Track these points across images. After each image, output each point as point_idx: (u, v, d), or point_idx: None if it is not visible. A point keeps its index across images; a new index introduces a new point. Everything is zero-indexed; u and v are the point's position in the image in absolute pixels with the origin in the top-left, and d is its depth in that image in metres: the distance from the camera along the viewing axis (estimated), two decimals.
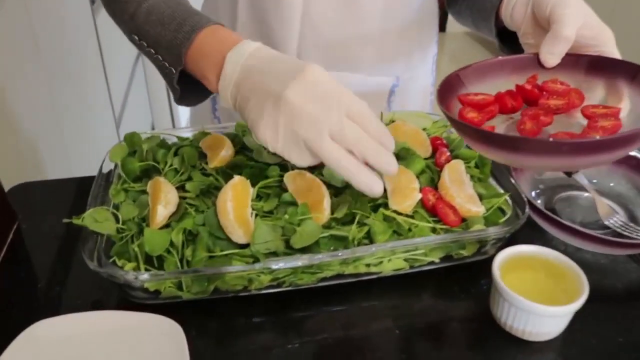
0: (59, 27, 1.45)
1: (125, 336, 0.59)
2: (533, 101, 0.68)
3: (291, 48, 0.90)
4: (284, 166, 0.75)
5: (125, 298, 0.65)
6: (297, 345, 0.61)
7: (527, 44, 0.72)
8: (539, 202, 0.82)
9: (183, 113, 2.70)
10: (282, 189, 0.70)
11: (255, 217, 0.65)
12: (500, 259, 0.63)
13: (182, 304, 0.64)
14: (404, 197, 0.68)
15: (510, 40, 0.79)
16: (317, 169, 0.74)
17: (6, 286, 0.69)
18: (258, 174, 0.73)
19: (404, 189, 0.69)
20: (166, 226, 0.66)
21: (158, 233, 0.64)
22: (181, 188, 0.72)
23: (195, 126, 1.15)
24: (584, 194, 0.83)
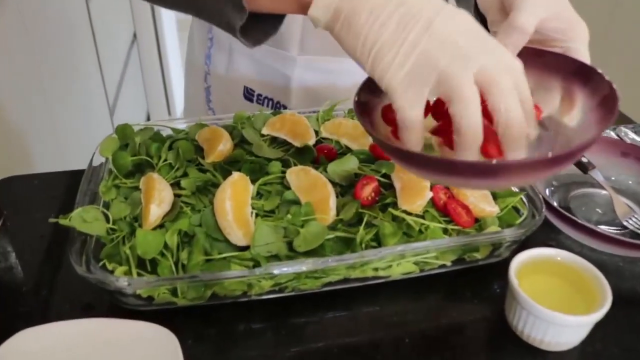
0: (50, 12, 1.40)
1: (116, 346, 0.55)
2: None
3: (295, 34, 0.86)
4: (286, 162, 0.71)
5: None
6: (300, 353, 0.58)
7: (494, 33, 0.60)
8: (553, 200, 0.78)
9: (179, 100, 2.65)
10: (285, 187, 0.66)
11: (255, 217, 0.61)
12: (516, 264, 0.60)
13: (178, 310, 0.60)
14: (414, 196, 0.64)
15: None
16: (321, 165, 0.70)
17: None
18: (258, 170, 0.69)
19: (414, 187, 0.65)
20: (160, 226, 0.62)
21: (151, 234, 0.59)
22: (176, 185, 0.67)
23: (189, 118, 1.11)
24: (601, 192, 0.79)
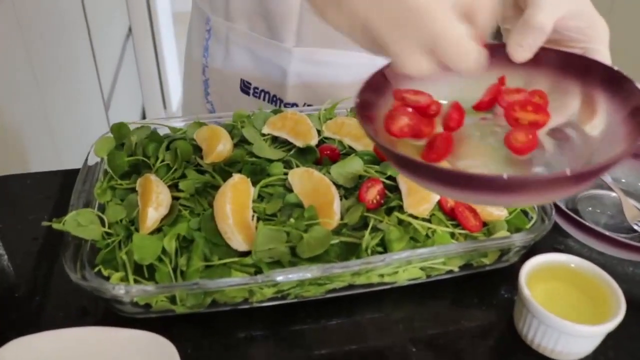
0: (44, 6, 1.36)
1: (112, 356, 0.52)
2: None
3: (291, 23, 0.83)
4: (288, 162, 0.68)
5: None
6: None
7: (506, 31, 0.58)
8: (561, 201, 0.77)
9: (174, 94, 2.62)
10: (287, 189, 0.64)
11: (257, 222, 0.59)
12: (526, 270, 0.58)
13: (176, 318, 0.58)
14: (421, 199, 0.62)
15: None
16: (324, 166, 0.68)
17: None
18: (259, 172, 0.66)
19: (421, 190, 0.63)
20: (157, 230, 0.60)
21: (149, 239, 0.57)
22: (174, 186, 0.65)
23: (186, 113, 1.08)
24: (610, 194, 0.78)
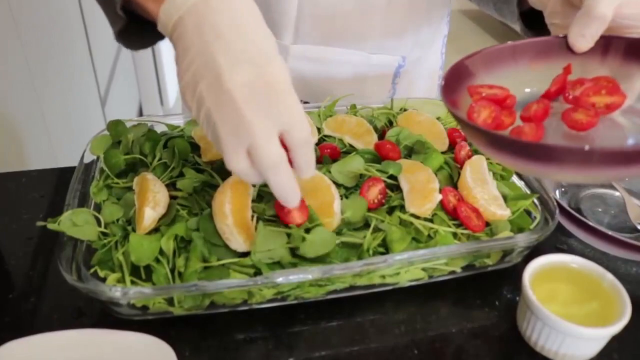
0: (40, 2, 1.34)
1: (108, 359, 0.51)
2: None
3: (289, 20, 0.82)
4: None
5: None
6: None
7: (554, 25, 0.62)
8: (564, 201, 0.76)
9: (172, 90, 2.60)
10: None
11: (257, 222, 0.58)
12: (530, 271, 0.57)
13: (174, 320, 0.57)
14: (423, 199, 0.61)
15: (536, 25, 0.71)
16: (324, 164, 0.67)
17: None
18: None
19: (422, 190, 0.62)
20: (155, 230, 0.58)
21: (146, 239, 0.56)
22: (171, 185, 0.64)
23: (184, 108, 1.07)
24: (614, 193, 0.77)
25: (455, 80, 0.54)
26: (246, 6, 0.49)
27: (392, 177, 0.65)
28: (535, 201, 0.65)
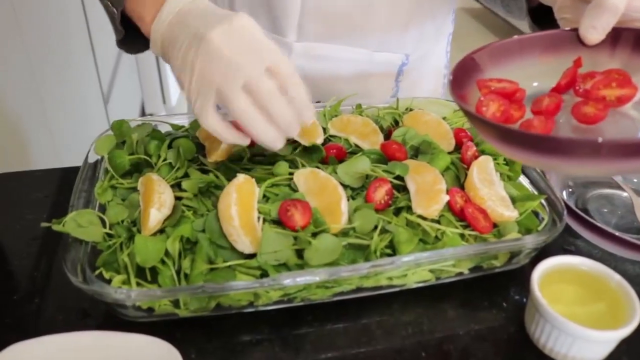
0: (43, 1, 1.34)
1: None
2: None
3: (292, 17, 0.82)
4: (293, 161, 0.67)
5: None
6: None
7: (564, 20, 0.61)
8: (571, 201, 0.75)
9: (174, 88, 2.59)
10: (292, 189, 0.62)
11: (262, 223, 0.57)
12: (538, 273, 0.56)
13: (179, 322, 0.57)
14: (430, 200, 0.60)
15: (544, 21, 0.70)
16: (330, 165, 0.66)
17: None
18: (263, 170, 0.65)
19: (429, 191, 0.61)
20: (160, 231, 0.58)
21: (151, 241, 0.55)
22: (176, 186, 0.63)
23: (188, 113, 1.06)
24: (622, 194, 0.76)
25: (463, 74, 0.54)
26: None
27: (399, 178, 0.64)
28: (542, 202, 0.65)
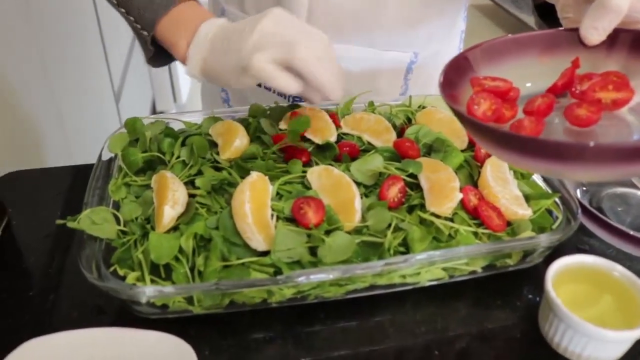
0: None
1: (128, 358, 0.51)
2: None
3: (300, 17, 0.81)
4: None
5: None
6: None
7: (566, 19, 0.59)
8: (585, 200, 0.75)
9: (185, 86, 2.60)
10: (306, 187, 0.62)
11: (276, 220, 0.57)
12: (553, 272, 0.56)
13: (193, 319, 0.57)
14: (444, 198, 0.60)
15: (551, 18, 0.69)
16: (343, 162, 0.66)
17: None
18: (273, 167, 0.65)
19: (443, 188, 0.61)
20: (174, 229, 0.58)
21: (165, 238, 0.56)
22: (190, 183, 0.64)
23: (203, 105, 1.07)
24: (636, 192, 0.75)
25: (455, 74, 0.51)
26: None
27: (412, 176, 0.64)
28: (556, 200, 0.64)
